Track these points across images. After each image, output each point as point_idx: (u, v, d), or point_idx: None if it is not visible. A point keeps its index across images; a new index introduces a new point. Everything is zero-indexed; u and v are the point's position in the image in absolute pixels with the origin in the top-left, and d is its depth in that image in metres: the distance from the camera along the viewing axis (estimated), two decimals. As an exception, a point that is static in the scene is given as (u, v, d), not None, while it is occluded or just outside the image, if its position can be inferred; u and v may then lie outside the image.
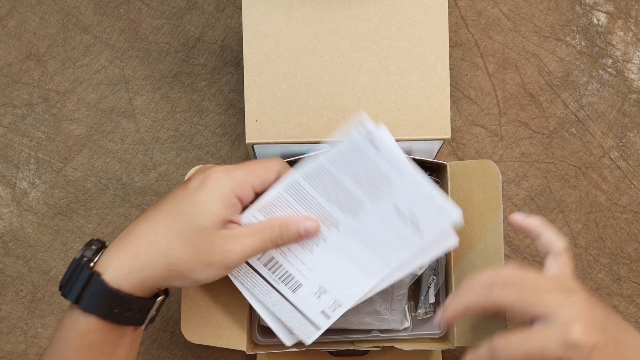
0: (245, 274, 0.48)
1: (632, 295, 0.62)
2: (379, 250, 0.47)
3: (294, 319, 0.49)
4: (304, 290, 0.49)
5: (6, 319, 0.61)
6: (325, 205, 0.47)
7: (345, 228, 0.47)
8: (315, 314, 0.49)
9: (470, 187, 0.53)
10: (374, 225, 0.47)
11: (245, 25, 0.52)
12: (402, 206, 0.46)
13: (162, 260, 0.41)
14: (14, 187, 0.61)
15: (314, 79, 0.52)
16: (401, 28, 0.53)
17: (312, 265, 0.48)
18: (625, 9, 0.64)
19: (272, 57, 0.52)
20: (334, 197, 0.46)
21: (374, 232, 0.47)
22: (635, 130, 0.63)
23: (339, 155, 0.45)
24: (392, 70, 0.53)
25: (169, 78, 0.62)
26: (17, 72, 0.62)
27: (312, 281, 0.48)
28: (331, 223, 0.47)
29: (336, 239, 0.48)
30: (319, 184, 0.46)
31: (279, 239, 0.45)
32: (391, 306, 0.55)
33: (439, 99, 0.53)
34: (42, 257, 0.61)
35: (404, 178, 0.45)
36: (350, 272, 0.48)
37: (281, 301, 0.49)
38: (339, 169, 0.46)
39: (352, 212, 0.47)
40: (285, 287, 0.49)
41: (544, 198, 0.62)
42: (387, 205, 0.46)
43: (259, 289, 0.48)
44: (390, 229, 0.47)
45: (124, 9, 0.62)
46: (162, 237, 0.42)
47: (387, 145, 0.45)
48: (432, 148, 0.55)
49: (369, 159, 0.45)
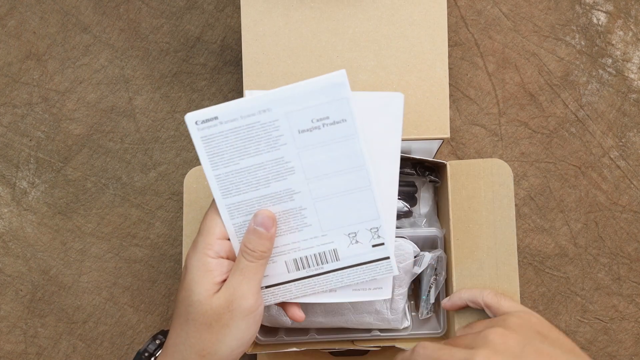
0: (280, 291, 0.47)
1: (632, 295, 0.62)
2: (344, 165, 0.44)
3: (365, 274, 0.47)
4: (342, 248, 0.46)
5: (6, 319, 0.61)
6: (265, 191, 0.44)
7: (300, 186, 0.45)
8: (371, 253, 0.46)
9: (476, 186, 0.53)
10: (313, 160, 0.44)
11: (244, 25, 0.52)
12: (307, 124, 0.43)
13: (192, 352, 0.42)
14: (13, 187, 0.61)
15: None
16: (400, 27, 0.53)
17: (320, 230, 0.46)
18: (625, 8, 0.64)
19: (271, 57, 0.52)
20: (263, 180, 0.44)
21: (321, 162, 0.44)
22: (635, 129, 0.63)
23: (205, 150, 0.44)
24: (391, 70, 0.53)
25: (168, 78, 0.62)
26: (17, 72, 0.62)
27: (337, 237, 0.46)
28: (286, 194, 0.45)
29: (306, 197, 0.45)
30: (236, 184, 0.44)
31: (255, 251, 0.44)
32: (391, 305, 0.55)
33: (438, 99, 0.53)
34: (42, 257, 0.61)
35: (284, 106, 0.42)
36: (350, 202, 0.45)
37: (336, 275, 0.47)
38: (230, 160, 0.44)
39: (287, 171, 0.44)
40: (324, 265, 0.47)
41: (543, 198, 0.62)
42: (299, 136, 0.43)
43: (305, 288, 0.47)
44: (327, 148, 0.43)
45: (123, 8, 0.62)
46: (180, 333, 0.43)
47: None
48: (431, 147, 0.55)
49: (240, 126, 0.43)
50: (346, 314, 0.55)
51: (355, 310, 0.55)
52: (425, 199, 0.59)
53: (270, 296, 0.47)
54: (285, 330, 0.56)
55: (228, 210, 0.45)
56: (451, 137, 0.62)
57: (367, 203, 0.45)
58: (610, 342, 0.62)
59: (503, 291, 0.52)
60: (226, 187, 0.44)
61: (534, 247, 0.62)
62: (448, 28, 0.53)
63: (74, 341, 0.61)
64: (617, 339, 0.62)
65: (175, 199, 0.62)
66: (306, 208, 0.45)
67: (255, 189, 0.44)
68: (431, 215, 0.58)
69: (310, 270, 0.47)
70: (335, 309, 0.55)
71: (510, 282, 0.51)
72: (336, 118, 0.43)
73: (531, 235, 0.62)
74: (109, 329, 0.61)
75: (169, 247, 0.62)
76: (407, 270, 0.54)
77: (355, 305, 0.55)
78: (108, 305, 0.61)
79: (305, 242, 0.46)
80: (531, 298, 0.62)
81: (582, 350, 0.44)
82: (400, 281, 0.54)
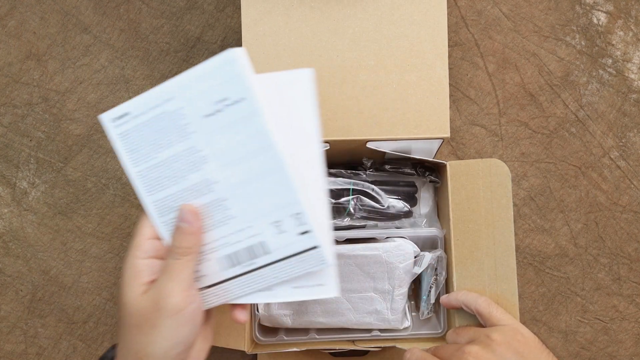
0: (220, 291, 0.44)
1: (632, 295, 0.62)
2: (251, 147, 0.41)
3: (297, 267, 0.43)
4: (269, 239, 0.43)
5: (6, 319, 0.61)
6: (185, 184, 0.42)
7: (216, 175, 0.42)
8: (299, 242, 0.42)
9: (475, 186, 0.53)
10: (222, 145, 0.42)
11: (245, 24, 0.52)
12: (210, 107, 0.41)
13: (130, 355, 0.42)
14: (14, 187, 0.61)
15: None
16: (400, 27, 0.53)
17: (245, 222, 0.43)
18: (625, 8, 0.64)
19: (271, 57, 0.52)
20: (180, 172, 0.43)
21: (231, 147, 0.42)
22: (635, 130, 0.63)
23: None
24: (391, 69, 0.53)
25: (169, 78, 0.62)
26: (17, 72, 0.62)
27: (262, 227, 0.42)
28: (204, 186, 0.43)
29: (224, 186, 0.42)
30: (158, 179, 0.43)
31: (180, 247, 0.42)
32: (391, 306, 0.55)
33: (439, 98, 0.53)
34: (42, 257, 0.61)
35: (186, 92, 0.41)
36: (265, 187, 0.42)
37: (269, 270, 0.43)
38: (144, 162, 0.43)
39: (201, 160, 0.42)
40: (256, 259, 0.43)
41: (544, 198, 0.62)
42: (205, 121, 0.41)
43: (244, 287, 0.44)
44: (232, 130, 0.41)
45: (124, 8, 0.62)
46: (121, 337, 0.43)
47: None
48: (431, 148, 0.55)
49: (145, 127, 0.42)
50: (346, 314, 0.55)
51: (356, 310, 0.55)
52: (426, 199, 0.59)
53: (212, 297, 0.44)
54: (285, 331, 0.56)
55: (155, 208, 0.43)
56: (451, 137, 0.62)
57: (282, 186, 0.41)
58: (610, 342, 0.62)
59: (501, 292, 0.51)
60: (149, 183, 0.42)
61: (534, 247, 0.62)
62: (448, 28, 0.53)
63: (74, 341, 0.61)
64: (617, 339, 0.62)
65: (176, 199, 0.62)
66: (227, 199, 0.42)
67: (175, 183, 0.42)
68: (431, 215, 0.58)
69: (244, 267, 0.43)
70: (335, 309, 0.55)
71: (509, 283, 0.51)
72: (235, 97, 0.40)
73: (531, 236, 0.62)
74: (110, 329, 0.61)
75: (169, 247, 0.62)
76: (408, 270, 0.54)
77: (355, 306, 0.55)
78: (108, 305, 0.61)
79: (233, 236, 0.43)
80: (531, 298, 0.62)
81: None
82: (400, 281, 0.54)
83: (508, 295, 0.51)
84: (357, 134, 0.53)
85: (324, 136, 0.52)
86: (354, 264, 0.54)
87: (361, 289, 0.55)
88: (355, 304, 0.55)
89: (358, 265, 0.54)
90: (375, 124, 0.52)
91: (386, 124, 0.52)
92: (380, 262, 0.54)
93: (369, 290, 0.55)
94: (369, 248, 0.54)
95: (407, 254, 0.54)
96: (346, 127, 0.52)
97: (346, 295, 0.55)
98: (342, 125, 0.52)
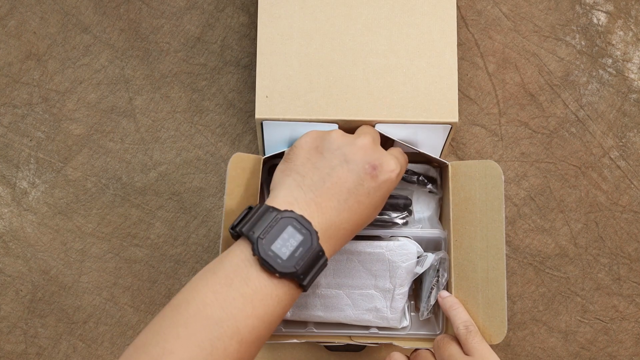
0: None
1: (632, 295, 0.62)
2: None
3: None
4: None
5: (6, 319, 0.61)
6: None
7: None
8: None
9: (471, 187, 0.53)
10: None
11: (261, 6, 0.54)
12: None
13: None
14: (14, 187, 0.61)
15: (325, 59, 0.53)
16: (411, 16, 0.54)
17: None
18: (625, 8, 0.64)
19: (285, 38, 0.54)
20: None
21: None
22: (635, 130, 0.63)
23: None
24: (401, 55, 0.54)
25: (169, 78, 0.62)
26: (17, 72, 0.62)
27: None
28: None
29: None
30: None
31: None
32: (391, 304, 0.55)
33: (447, 83, 0.53)
34: (42, 257, 0.61)
35: None
36: None
37: None
38: None
39: None
40: None
41: (544, 198, 0.62)
42: None
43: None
44: None
45: (124, 8, 0.62)
46: None
47: None
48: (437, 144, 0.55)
49: None
50: (345, 310, 0.55)
51: (355, 306, 0.55)
52: (427, 202, 0.58)
53: None
54: (283, 322, 0.56)
55: None
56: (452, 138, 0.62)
57: None
58: (610, 343, 0.62)
59: (492, 295, 0.51)
60: None
61: (534, 247, 0.62)
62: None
63: (74, 341, 0.61)
64: (617, 339, 0.62)
65: (176, 199, 0.62)
66: None
67: None
68: (432, 219, 0.58)
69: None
70: (334, 305, 0.55)
71: (498, 286, 0.51)
72: None
73: (531, 236, 0.62)
74: (110, 329, 0.61)
75: (169, 247, 0.62)
76: (410, 270, 0.54)
77: (355, 302, 0.55)
78: (108, 305, 0.61)
79: None
80: (531, 298, 0.62)
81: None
82: (402, 280, 0.54)
83: (497, 299, 0.50)
84: (366, 114, 0.53)
85: (334, 116, 0.53)
86: (357, 260, 0.54)
87: (362, 285, 0.55)
88: (355, 300, 0.55)
89: (361, 261, 0.54)
90: (385, 106, 0.53)
91: (395, 107, 0.53)
92: (383, 261, 0.54)
93: (369, 288, 0.55)
94: (372, 245, 0.54)
95: (410, 253, 0.54)
96: (355, 108, 0.53)
97: (346, 291, 0.55)
98: (352, 106, 0.53)
